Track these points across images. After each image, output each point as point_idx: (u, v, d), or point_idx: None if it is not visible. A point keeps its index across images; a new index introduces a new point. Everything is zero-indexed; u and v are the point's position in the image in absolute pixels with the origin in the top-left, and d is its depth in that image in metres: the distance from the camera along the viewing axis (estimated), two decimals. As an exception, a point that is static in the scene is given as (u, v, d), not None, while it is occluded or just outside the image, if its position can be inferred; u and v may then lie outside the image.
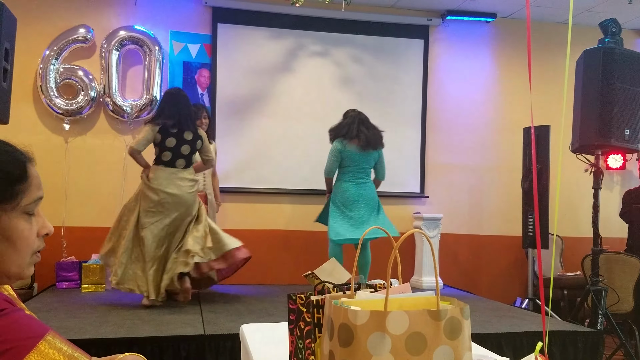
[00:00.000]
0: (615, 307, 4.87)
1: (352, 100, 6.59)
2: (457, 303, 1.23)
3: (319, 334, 1.40)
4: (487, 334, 3.98)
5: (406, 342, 1.12)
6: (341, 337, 1.14)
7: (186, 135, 4.67)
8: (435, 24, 6.82)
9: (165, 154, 4.65)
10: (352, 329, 1.12)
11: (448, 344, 1.15)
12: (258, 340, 2.02)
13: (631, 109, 4.53)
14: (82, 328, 3.79)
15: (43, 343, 1.02)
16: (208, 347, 3.65)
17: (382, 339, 1.11)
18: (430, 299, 1.25)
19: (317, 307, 1.40)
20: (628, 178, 7.16)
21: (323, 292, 1.50)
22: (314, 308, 1.40)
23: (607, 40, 4.65)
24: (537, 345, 1.29)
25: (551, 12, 6.68)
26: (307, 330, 1.46)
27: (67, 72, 5.85)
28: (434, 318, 1.14)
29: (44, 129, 5.92)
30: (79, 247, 5.79)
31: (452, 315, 1.16)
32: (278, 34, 6.48)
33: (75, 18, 5.95)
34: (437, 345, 1.14)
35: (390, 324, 1.12)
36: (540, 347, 1.30)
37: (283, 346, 1.79)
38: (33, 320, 1.07)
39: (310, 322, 1.42)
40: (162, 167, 4.66)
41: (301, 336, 1.49)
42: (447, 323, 1.15)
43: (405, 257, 6.43)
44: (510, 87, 6.93)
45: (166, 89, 5.33)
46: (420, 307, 1.19)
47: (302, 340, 1.48)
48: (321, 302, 1.40)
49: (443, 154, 6.85)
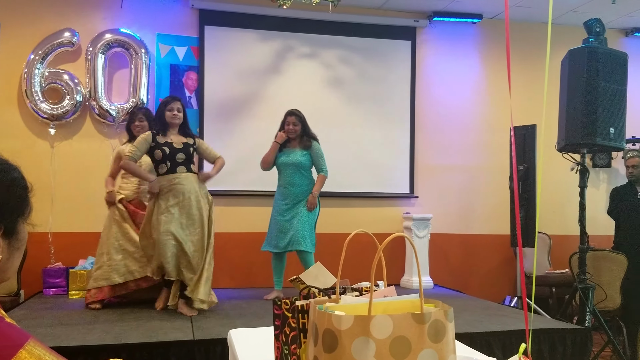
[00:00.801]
0: (602, 304, 4.90)
1: (341, 101, 6.60)
2: (442, 306, 1.24)
3: (304, 340, 1.40)
4: (477, 333, 4.00)
5: (390, 346, 1.12)
6: (325, 343, 1.14)
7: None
8: (422, 25, 6.84)
9: None
10: (337, 334, 1.12)
11: (432, 347, 1.15)
12: (246, 345, 2.01)
13: (616, 107, 4.56)
14: (70, 335, 3.76)
15: (23, 352, 1.01)
16: (198, 352, 3.63)
17: (366, 343, 1.11)
18: (415, 302, 1.26)
19: (302, 313, 1.40)
20: (614, 176, 7.22)
21: (309, 297, 1.50)
22: (299, 313, 1.40)
23: (591, 39, 4.69)
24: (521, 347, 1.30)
25: (536, 13, 6.72)
26: (292, 336, 1.46)
27: (53, 76, 5.81)
28: (418, 321, 1.14)
29: (29, 134, 5.88)
30: (67, 253, 5.75)
31: (436, 319, 1.16)
32: (266, 36, 6.48)
33: (61, 22, 5.91)
34: (421, 349, 1.14)
35: (374, 328, 1.12)
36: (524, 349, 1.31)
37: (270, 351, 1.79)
38: (13, 328, 1.06)
39: (295, 327, 1.42)
40: None
41: (286, 342, 1.48)
42: (431, 326, 1.15)
43: (396, 257, 6.46)
44: (497, 87, 6.96)
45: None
46: (404, 310, 1.19)
47: (287, 346, 1.48)
48: (306, 308, 1.39)
49: (432, 154, 6.87)
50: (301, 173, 5.31)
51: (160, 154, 4.59)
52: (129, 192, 5.05)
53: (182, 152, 4.63)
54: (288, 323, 1.48)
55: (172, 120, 4.69)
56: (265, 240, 5.37)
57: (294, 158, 5.31)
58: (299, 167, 5.30)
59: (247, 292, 5.80)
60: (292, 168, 5.30)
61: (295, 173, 5.30)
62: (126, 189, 5.06)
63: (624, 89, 4.61)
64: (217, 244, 6.06)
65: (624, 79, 4.62)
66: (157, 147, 4.60)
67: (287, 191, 5.29)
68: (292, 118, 5.34)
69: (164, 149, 4.59)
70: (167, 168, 4.59)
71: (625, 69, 4.65)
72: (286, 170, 5.32)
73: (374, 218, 6.55)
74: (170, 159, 4.60)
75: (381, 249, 1.19)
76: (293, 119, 5.33)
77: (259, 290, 5.81)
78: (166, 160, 4.60)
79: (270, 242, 5.30)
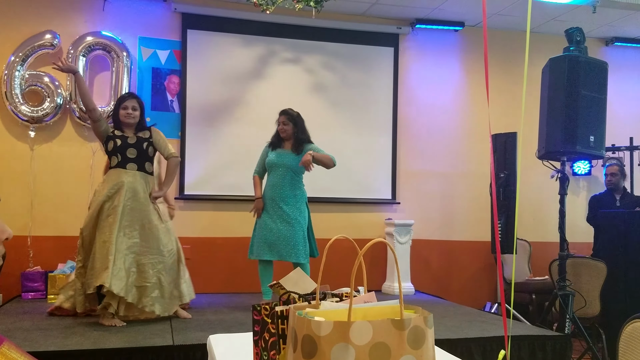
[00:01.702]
0: (582, 311, 4.94)
1: (324, 107, 6.61)
2: (421, 312, 1.24)
3: (283, 346, 1.39)
4: (457, 339, 4.01)
5: (370, 353, 1.12)
6: (305, 349, 1.13)
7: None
8: (405, 32, 6.87)
9: None
10: (316, 340, 1.12)
11: (412, 353, 1.15)
12: (225, 351, 2.00)
13: (595, 116, 4.61)
14: (48, 340, 3.70)
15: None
16: (177, 357, 3.60)
17: (345, 349, 1.11)
18: (395, 307, 1.25)
19: (282, 318, 1.39)
20: (594, 184, 7.29)
21: (289, 302, 1.49)
22: (279, 319, 1.39)
23: (572, 48, 4.74)
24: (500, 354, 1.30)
25: (517, 21, 6.78)
26: (271, 342, 1.45)
27: (33, 79, 5.75)
28: (398, 328, 1.14)
29: (8, 136, 5.81)
30: (46, 257, 5.68)
31: (416, 325, 1.16)
32: (249, 41, 6.46)
33: (42, 24, 5.86)
34: (401, 355, 1.14)
35: (354, 334, 1.11)
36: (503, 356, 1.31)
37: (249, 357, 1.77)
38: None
39: (274, 333, 1.41)
40: None
41: (266, 347, 1.47)
42: (410, 332, 1.15)
43: (377, 263, 6.46)
44: (478, 94, 7.02)
45: None
46: (384, 316, 1.19)
47: (266, 352, 1.47)
48: (285, 313, 1.39)
49: (414, 160, 6.90)
50: (291, 176, 5.02)
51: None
52: None
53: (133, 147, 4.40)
54: (267, 329, 1.47)
55: (126, 119, 4.42)
56: (252, 246, 5.06)
57: (284, 160, 5.03)
58: (288, 169, 5.02)
59: (230, 297, 5.76)
60: (283, 169, 5.02)
61: (284, 175, 5.01)
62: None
63: (604, 97, 4.66)
64: (200, 248, 6.06)
65: (604, 87, 4.68)
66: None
67: (273, 193, 5.00)
68: (282, 117, 5.09)
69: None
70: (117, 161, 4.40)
71: (605, 78, 4.71)
72: (275, 171, 5.04)
73: (355, 224, 6.56)
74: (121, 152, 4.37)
75: (361, 255, 1.19)
76: (283, 118, 5.08)
77: (241, 296, 5.78)
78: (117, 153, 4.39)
79: (258, 249, 4.97)
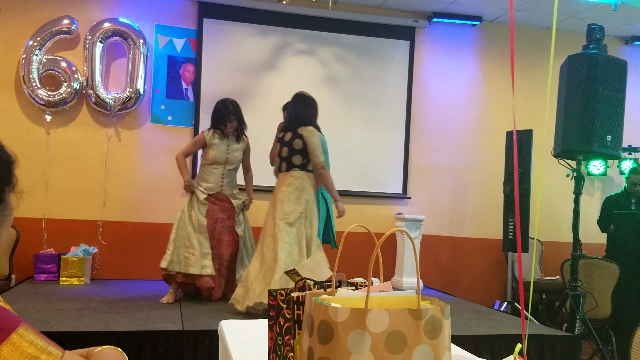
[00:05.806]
0: (593, 312, 4.90)
1: (337, 99, 6.59)
2: (438, 303, 1.23)
3: (298, 331, 1.39)
4: (465, 336, 4.00)
5: (386, 341, 1.11)
6: (321, 334, 1.13)
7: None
8: (421, 26, 6.83)
9: None
10: (332, 326, 1.11)
11: (428, 343, 1.14)
12: (237, 336, 2.00)
13: (613, 115, 4.56)
14: (60, 321, 3.74)
15: (15, 335, 1.00)
16: (186, 342, 3.63)
17: (362, 336, 1.10)
18: (411, 298, 1.25)
19: (297, 304, 1.39)
20: (609, 184, 7.23)
21: (304, 289, 1.49)
22: (294, 305, 1.39)
23: (591, 46, 4.69)
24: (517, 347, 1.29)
25: (537, 17, 6.73)
26: (286, 327, 1.45)
27: (50, 63, 5.78)
28: (415, 317, 1.13)
29: (25, 120, 5.84)
30: (59, 239, 5.74)
31: (433, 315, 1.16)
32: (264, 31, 6.46)
33: (60, 9, 5.88)
34: (417, 345, 1.13)
35: (370, 322, 1.11)
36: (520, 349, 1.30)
37: (262, 343, 1.78)
38: (6, 312, 1.05)
39: (290, 318, 1.41)
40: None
41: (280, 332, 1.47)
42: (427, 322, 1.14)
43: (385, 257, 6.43)
44: (494, 90, 6.97)
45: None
46: (400, 306, 1.18)
47: (281, 336, 1.47)
48: (301, 299, 1.38)
49: (426, 155, 6.87)
50: None
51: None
52: (212, 184, 5.04)
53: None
54: (283, 314, 1.47)
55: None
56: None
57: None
58: None
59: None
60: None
61: None
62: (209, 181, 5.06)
63: (622, 96, 4.61)
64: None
65: (622, 86, 4.62)
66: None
67: None
68: (285, 112, 5.13)
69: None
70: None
71: (625, 77, 4.65)
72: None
73: (366, 217, 6.54)
74: None
75: (379, 245, 1.18)
76: (285, 113, 5.13)
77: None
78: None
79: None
